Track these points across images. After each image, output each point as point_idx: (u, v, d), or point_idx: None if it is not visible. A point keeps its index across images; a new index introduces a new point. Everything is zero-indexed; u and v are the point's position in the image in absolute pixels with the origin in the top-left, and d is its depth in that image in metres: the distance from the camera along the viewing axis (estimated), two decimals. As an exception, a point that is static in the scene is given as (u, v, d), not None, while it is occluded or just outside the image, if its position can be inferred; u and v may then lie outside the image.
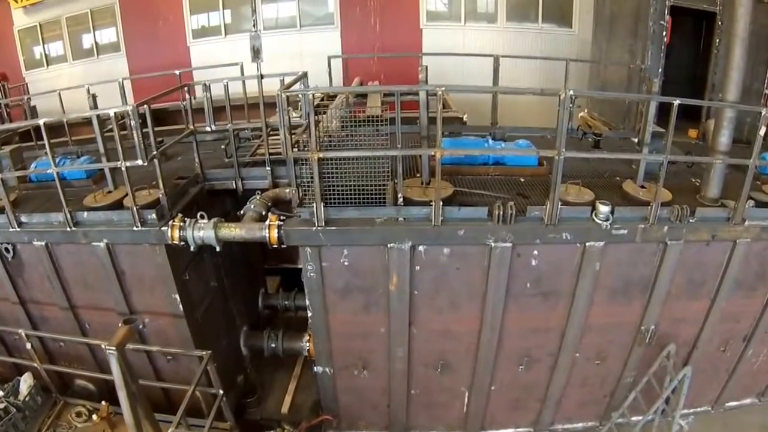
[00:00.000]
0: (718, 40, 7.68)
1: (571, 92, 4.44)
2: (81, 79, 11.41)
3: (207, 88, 5.67)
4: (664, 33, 7.45)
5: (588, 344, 5.72)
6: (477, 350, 5.56)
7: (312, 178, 4.62)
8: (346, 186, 4.76)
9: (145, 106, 5.05)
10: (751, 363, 6.47)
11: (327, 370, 5.82)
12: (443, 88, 4.29)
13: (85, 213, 5.30)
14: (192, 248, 5.19)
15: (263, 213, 5.37)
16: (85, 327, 6.09)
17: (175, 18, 10.99)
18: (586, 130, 7.12)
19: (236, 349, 7.07)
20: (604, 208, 4.87)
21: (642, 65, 7.41)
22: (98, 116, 5.41)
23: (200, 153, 6.16)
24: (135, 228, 5.12)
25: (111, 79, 11.22)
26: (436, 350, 5.62)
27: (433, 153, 4.46)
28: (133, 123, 4.80)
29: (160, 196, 5.30)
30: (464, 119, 7.85)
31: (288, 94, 4.44)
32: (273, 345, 7.00)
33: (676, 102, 4.71)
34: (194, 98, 6.10)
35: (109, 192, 5.69)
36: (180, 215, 5.19)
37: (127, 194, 5.32)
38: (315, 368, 5.87)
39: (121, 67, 11.26)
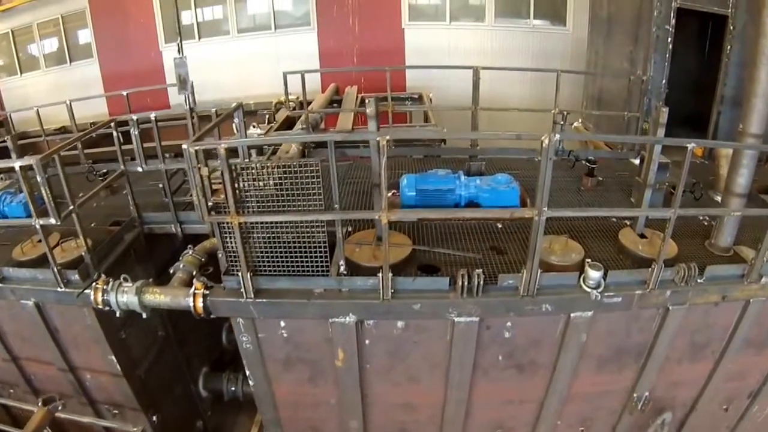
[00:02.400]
0: (729, 47, 6.21)
1: (557, 137, 3.16)
2: (54, 86, 10.24)
3: (134, 123, 4.42)
4: (670, 39, 6.02)
5: (571, 412, 4.58)
6: (442, 422, 4.45)
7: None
8: (279, 251, 3.58)
9: (55, 157, 3.91)
10: (755, 418, 5.32)
11: (277, 438, 4.77)
12: (387, 137, 3.01)
13: (11, 269, 4.39)
14: (118, 314, 4.15)
15: (194, 273, 4.22)
16: (30, 378, 5.31)
17: (147, 21, 9.65)
18: (579, 152, 5.79)
19: (194, 394, 6.07)
20: (594, 274, 3.64)
21: (644, 76, 5.99)
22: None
23: (149, 187, 5.11)
24: (59, 289, 4.18)
25: (85, 88, 10.21)
26: (395, 422, 4.51)
27: (378, 216, 3.23)
28: (39, 179, 3.72)
29: (84, 253, 4.25)
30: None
31: (197, 148, 3.21)
32: (233, 388, 5.99)
33: (690, 146, 3.42)
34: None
35: (40, 241, 4.67)
36: (103, 277, 4.12)
37: (59, 243, 4.57)
38: (265, 435, 4.83)
39: (94, 73, 9.99)
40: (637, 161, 6.22)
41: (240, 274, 3.61)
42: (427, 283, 3.57)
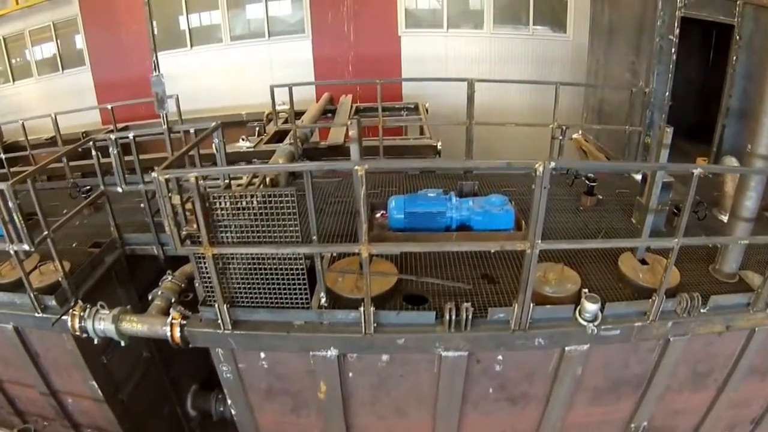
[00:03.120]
0: (735, 57, 5.97)
1: (552, 164, 2.94)
2: (47, 93, 10.10)
3: (113, 142, 4.23)
4: (673, 50, 5.78)
5: (566, 442, 4.39)
6: (432, 453, 4.26)
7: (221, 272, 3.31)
8: (256, 283, 3.40)
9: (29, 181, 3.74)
10: (757, 443, 5.11)
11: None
12: (366, 166, 2.82)
13: (-12, 292, 4.22)
14: (96, 341, 3.99)
15: (172, 300, 4.04)
16: (14, 401, 5.25)
17: (139, 29, 9.46)
18: (577, 171, 5.56)
19: (181, 414, 5.90)
20: (591, 307, 3.44)
21: (646, 88, 5.75)
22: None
23: (134, 203, 5.00)
24: (36, 314, 4.04)
25: (78, 95, 10.06)
26: (383, 453, 4.33)
27: (358, 250, 3.03)
28: (11, 205, 3.55)
29: (60, 279, 4.08)
30: (438, 147, 6.32)
31: (167, 176, 3.02)
32: (221, 408, 5.81)
33: (696, 171, 3.19)
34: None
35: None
36: (80, 304, 3.96)
37: (38, 266, 4.40)
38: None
39: (87, 80, 9.83)
40: (638, 176, 5.99)
41: (216, 305, 3.44)
42: (412, 317, 3.37)
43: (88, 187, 5.65)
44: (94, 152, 4.41)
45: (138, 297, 5.07)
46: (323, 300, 3.41)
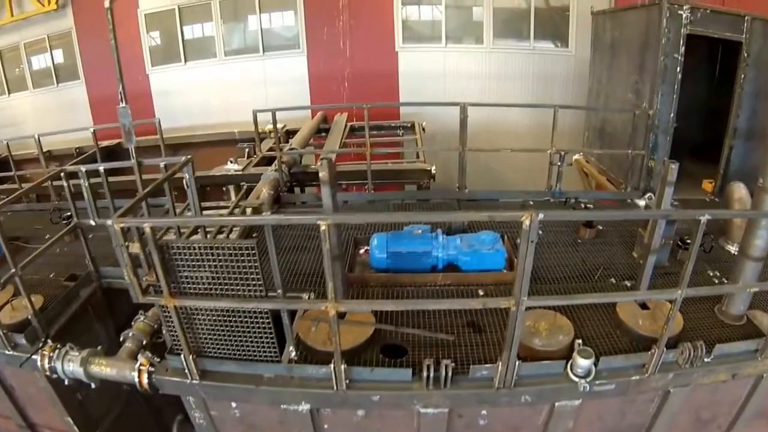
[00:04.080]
0: (743, 75, 5.68)
1: (541, 216, 2.68)
2: (42, 107, 10.06)
3: (84, 175, 4.07)
4: (679, 69, 5.50)
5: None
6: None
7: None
8: (223, 334, 3.20)
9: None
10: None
11: None
12: (329, 220, 2.60)
13: (-39, 326, 4.07)
14: (66, 383, 3.83)
15: (144, 342, 3.86)
16: None
17: (133, 44, 9.40)
18: (579, 193, 5.31)
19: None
20: (583, 363, 3.18)
21: (650, 110, 5.48)
22: None
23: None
24: (7, 351, 3.87)
25: (72, 110, 10.01)
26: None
27: (324, 307, 2.81)
28: None
29: (30, 316, 3.92)
30: (432, 171, 6.09)
31: (123, 225, 2.83)
32: (206, 440, 5.62)
33: (704, 218, 2.90)
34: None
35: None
36: (49, 344, 3.80)
37: (9, 301, 4.22)
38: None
39: (81, 95, 9.77)
40: (642, 203, 5.72)
41: (183, 356, 3.25)
42: (386, 374, 3.14)
43: (69, 213, 5.51)
44: (65, 183, 4.27)
45: (116, 331, 4.91)
46: (293, 354, 3.20)
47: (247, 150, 6.78)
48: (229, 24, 9.34)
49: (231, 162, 6.27)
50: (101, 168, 4.09)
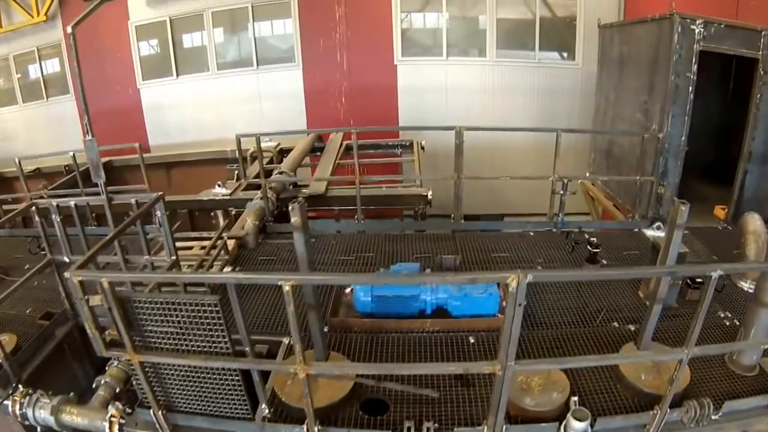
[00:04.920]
0: (759, 95, 5.46)
1: (530, 278, 2.49)
2: (32, 121, 10.07)
3: (55, 209, 3.98)
4: (691, 89, 5.30)
5: None
6: None
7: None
8: (192, 390, 3.08)
9: None
10: None
11: None
12: (291, 282, 2.46)
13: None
14: (39, 430, 3.74)
15: (117, 390, 3.75)
16: None
17: (124, 57, 9.37)
18: (583, 223, 5.12)
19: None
20: (579, 426, 2.98)
21: (659, 134, 5.28)
22: None
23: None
24: None
25: (62, 124, 10.01)
26: None
27: (292, 369, 2.66)
28: None
29: (1, 360, 3.82)
30: (429, 197, 5.94)
31: (81, 279, 2.71)
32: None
33: (716, 274, 2.69)
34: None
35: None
36: (20, 390, 3.70)
37: None
38: None
39: (71, 109, 9.75)
40: (651, 233, 5.51)
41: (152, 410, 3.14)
42: (365, 436, 3.00)
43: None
44: (37, 218, 4.18)
45: (96, 371, 4.81)
46: (266, 412, 3.07)
47: (236, 172, 6.69)
48: (222, 37, 9.27)
49: (219, 186, 6.17)
50: (72, 203, 3.99)
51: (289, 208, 2.95)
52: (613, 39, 6.55)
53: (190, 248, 5.03)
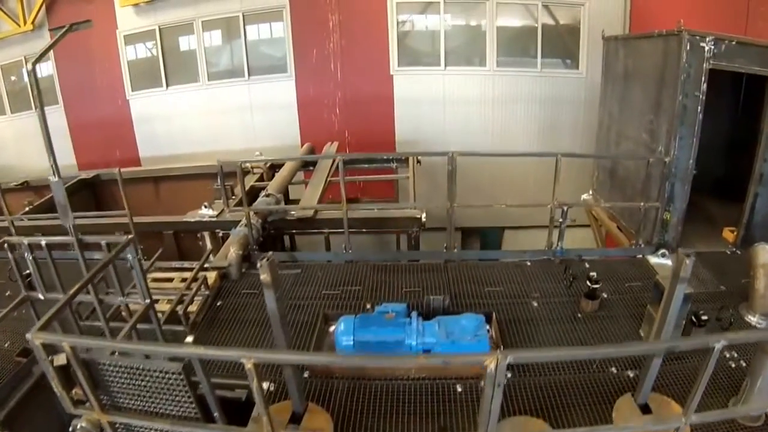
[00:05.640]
0: (774, 116, 5.24)
1: (510, 359, 2.32)
2: (21, 132, 10.02)
3: (27, 248, 3.88)
4: (700, 109, 5.11)
5: None
6: None
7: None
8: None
9: None
10: None
11: None
12: (252, 359, 2.34)
13: None
14: None
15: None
16: None
17: (112, 67, 9.27)
18: (583, 252, 4.94)
19: None
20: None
21: (666, 158, 5.09)
22: None
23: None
24: None
25: (51, 135, 9.92)
26: None
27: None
28: None
29: None
30: (423, 219, 5.80)
31: (42, 341, 2.62)
32: None
33: (719, 345, 2.50)
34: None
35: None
36: None
37: None
38: None
39: (60, 120, 9.68)
40: (655, 260, 5.34)
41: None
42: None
43: (28, 271, 5.36)
44: (10, 256, 4.10)
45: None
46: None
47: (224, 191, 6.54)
48: (213, 46, 9.13)
49: (205, 207, 6.07)
50: (44, 242, 3.90)
51: (259, 264, 2.83)
52: (618, 52, 6.33)
53: (171, 279, 4.94)
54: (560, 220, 4.91)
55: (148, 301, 3.79)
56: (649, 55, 5.67)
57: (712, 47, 4.91)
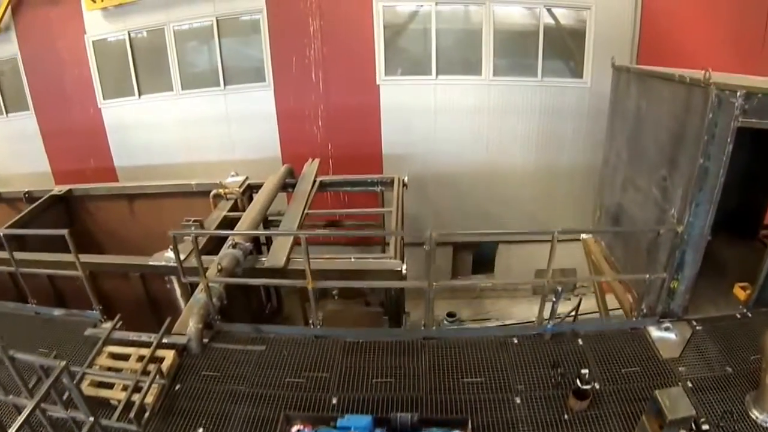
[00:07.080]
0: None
1: None
2: (-6, 137, 9.29)
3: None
4: (722, 172, 4.25)
5: None
6: None
7: None
8: None
9: None
10: None
11: None
12: None
13: None
14: None
15: None
16: None
17: (83, 73, 8.35)
18: (577, 326, 4.31)
19: None
20: None
21: (679, 227, 4.32)
22: None
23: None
24: None
25: (24, 141, 9.20)
26: None
27: None
28: None
29: None
30: (403, 272, 5.15)
31: None
32: None
33: None
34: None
35: None
36: None
37: None
38: None
39: (32, 126, 8.89)
40: (657, 334, 4.70)
41: None
42: None
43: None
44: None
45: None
46: None
47: (192, 226, 5.83)
48: (186, 53, 8.12)
49: (171, 250, 5.44)
50: None
51: None
52: (629, 87, 5.30)
53: (128, 357, 4.42)
54: (553, 299, 4.27)
55: (91, 419, 3.31)
56: (666, 100, 4.71)
57: (743, 102, 3.99)
